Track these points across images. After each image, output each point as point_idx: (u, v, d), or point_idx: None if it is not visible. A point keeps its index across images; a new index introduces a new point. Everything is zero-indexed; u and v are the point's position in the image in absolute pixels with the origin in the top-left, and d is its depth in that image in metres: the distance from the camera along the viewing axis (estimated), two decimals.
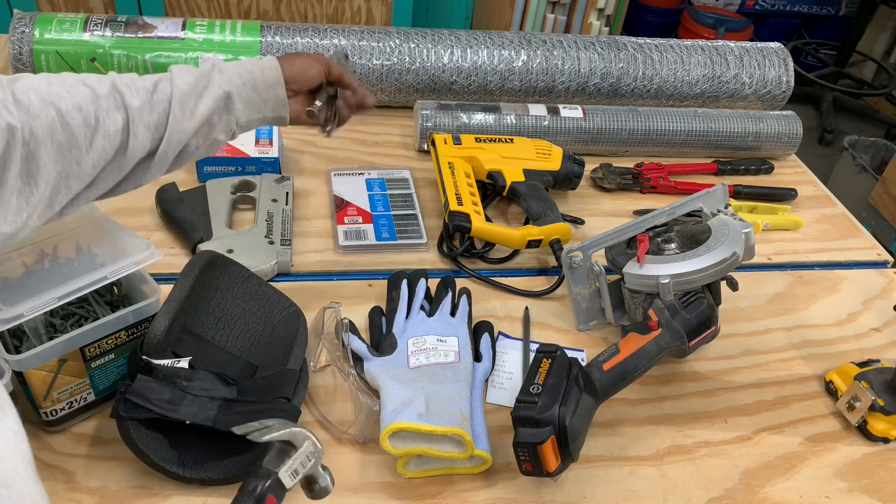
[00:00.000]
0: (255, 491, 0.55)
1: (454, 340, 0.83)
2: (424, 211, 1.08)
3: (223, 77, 0.71)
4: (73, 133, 0.61)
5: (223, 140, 0.73)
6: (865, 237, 1.18)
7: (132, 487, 0.70)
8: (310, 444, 0.59)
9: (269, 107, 0.76)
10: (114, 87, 0.65)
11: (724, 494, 0.77)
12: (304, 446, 0.58)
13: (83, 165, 0.63)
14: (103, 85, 0.65)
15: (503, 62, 1.25)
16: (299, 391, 0.76)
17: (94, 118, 0.63)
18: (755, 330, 0.98)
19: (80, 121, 0.62)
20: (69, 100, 0.62)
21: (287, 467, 0.57)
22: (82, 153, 0.62)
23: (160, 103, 0.67)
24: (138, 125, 0.65)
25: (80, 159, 0.62)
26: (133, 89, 0.66)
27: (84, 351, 0.70)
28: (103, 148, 0.64)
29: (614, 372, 0.75)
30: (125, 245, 0.74)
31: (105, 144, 0.64)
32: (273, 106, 0.76)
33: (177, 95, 0.68)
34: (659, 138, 1.25)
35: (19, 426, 0.49)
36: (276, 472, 0.56)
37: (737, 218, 0.88)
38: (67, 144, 0.61)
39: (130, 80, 0.67)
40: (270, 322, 0.82)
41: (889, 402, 0.82)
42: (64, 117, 0.61)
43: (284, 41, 1.18)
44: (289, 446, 0.59)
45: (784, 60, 1.35)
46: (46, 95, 0.61)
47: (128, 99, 0.65)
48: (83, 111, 0.62)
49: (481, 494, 0.74)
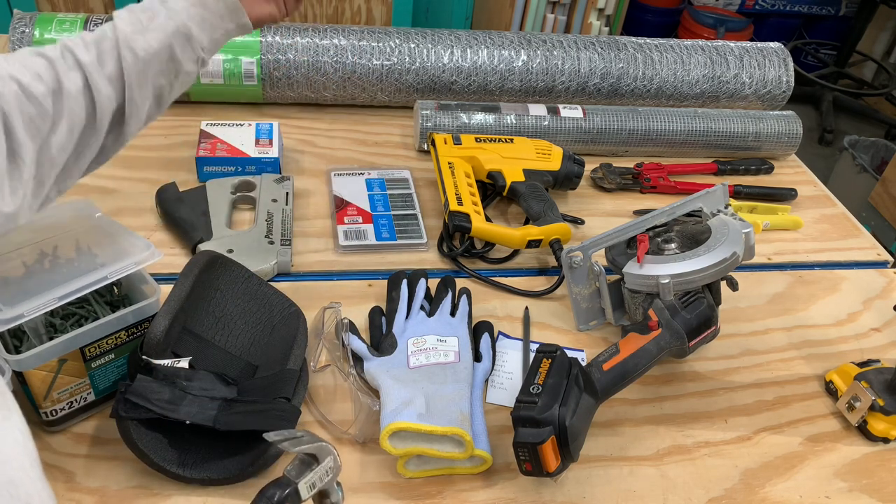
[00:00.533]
0: (273, 497, 0.56)
1: (454, 340, 0.83)
2: (424, 211, 1.08)
3: (168, 6, 0.68)
4: (40, 102, 0.61)
5: (194, 70, 0.71)
6: (865, 237, 1.18)
7: (132, 487, 0.70)
8: (331, 459, 0.60)
9: (227, 20, 0.72)
10: (64, 48, 0.64)
11: (724, 494, 0.77)
12: (326, 461, 0.60)
13: (59, 134, 0.62)
14: (54, 49, 0.64)
15: (503, 62, 1.25)
16: (299, 391, 0.76)
17: (56, 82, 0.62)
18: (755, 330, 0.98)
19: (43, 89, 0.61)
20: (27, 72, 0.61)
21: (307, 479, 0.58)
22: (54, 121, 0.62)
23: (110, 51, 0.65)
24: (97, 79, 0.64)
25: (54, 128, 0.62)
26: (82, 45, 0.65)
27: (84, 351, 0.70)
28: (72, 110, 0.63)
29: (614, 372, 0.75)
30: (125, 245, 0.74)
31: (73, 106, 0.63)
32: (231, 17, 0.72)
33: (122, 39, 0.65)
34: (659, 138, 1.25)
35: (25, 426, 0.49)
36: (296, 482, 0.57)
37: (737, 218, 0.88)
38: (38, 115, 0.61)
39: (79, 38, 0.65)
40: (270, 322, 0.82)
41: (889, 402, 0.82)
42: (27, 89, 0.60)
43: (284, 41, 1.19)
44: (312, 459, 0.60)
45: (784, 60, 1.35)
46: (4, 72, 0.60)
47: (79, 55, 0.64)
48: (43, 79, 0.62)
49: (481, 494, 0.74)
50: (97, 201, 0.80)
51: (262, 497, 0.56)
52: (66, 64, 0.63)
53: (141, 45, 0.66)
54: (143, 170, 1.08)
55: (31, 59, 0.62)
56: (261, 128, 1.12)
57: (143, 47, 0.66)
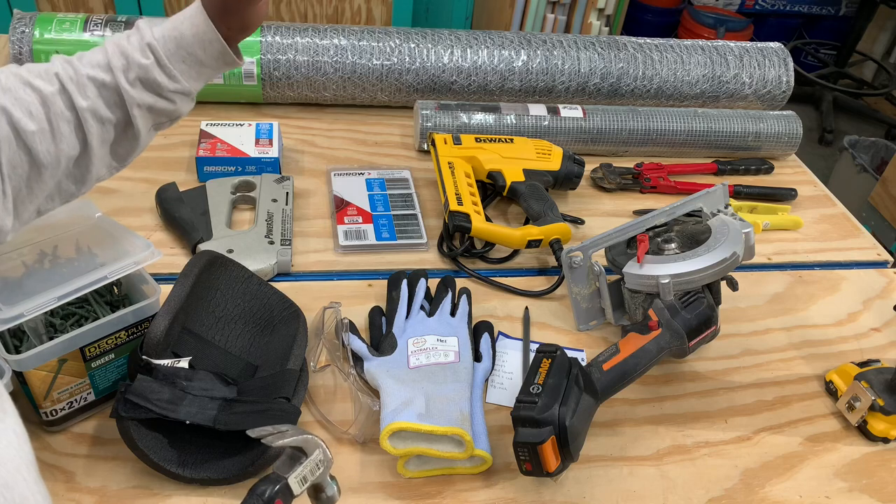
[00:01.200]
0: (263, 494, 0.56)
1: (454, 340, 0.83)
2: (424, 211, 1.08)
3: (168, 71, 0.67)
4: (27, 143, 0.60)
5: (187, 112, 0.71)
6: (865, 237, 1.18)
7: (132, 487, 0.70)
8: (320, 452, 0.60)
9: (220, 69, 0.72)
10: (61, 85, 0.63)
11: (724, 494, 0.77)
12: (315, 454, 0.59)
13: (42, 170, 0.61)
14: (50, 83, 0.62)
15: (503, 62, 1.25)
16: (299, 391, 0.76)
17: (47, 123, 0.61)
18: (755, 330, 0.98)
19: (34, 128, 0.60)
20: (19, 107, 0.60)
21: (297, 474, 0.58)
22: (39, 163, 0.61)
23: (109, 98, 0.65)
24: (91, 123, 0.64)
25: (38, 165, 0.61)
26: (79, 86, 0.63)
27: (84, 351, 0.70)
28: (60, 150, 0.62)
29: (614, 372, 0.75)
30: (125, 245, 0.74)
31: (62, 146, 0.62)
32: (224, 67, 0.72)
33: (127, 96, 0.65)
34: (659, 138, 1.25)
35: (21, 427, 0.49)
36: (285, 477, 0.57)
37: (737, 218, 0.88)
38: (24, 154, 0.60)
39: (74, 74, 0.64)
40: (270, 322, 0.82)
41: (889, 402, 0.82)
42: (17, 124, 0.59)
43: (284, 41, 1.18)
44: (300, 453, 0.60)
45: (784, 60, 1.35)
46: None
47: (76, 99, 0.63)
48: (34, 117, 0.60)
49: (481, 494, 0.74)
50: (97, 201, 0.80)
51: (253, 495, 0.56)
52: (60, 104, 0.62)
53: (145, 101, 0.66)
54: (143, 170, 1.08)
55: (23, 91, 0.61)
56: (261, 128, 1.12)
57: (147, 103, 0.67)
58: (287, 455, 0.60)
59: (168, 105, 0.68)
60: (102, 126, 0.65)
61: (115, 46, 0.66)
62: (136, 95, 0.66)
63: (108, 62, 0.65)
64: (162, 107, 0.68)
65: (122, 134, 0.67)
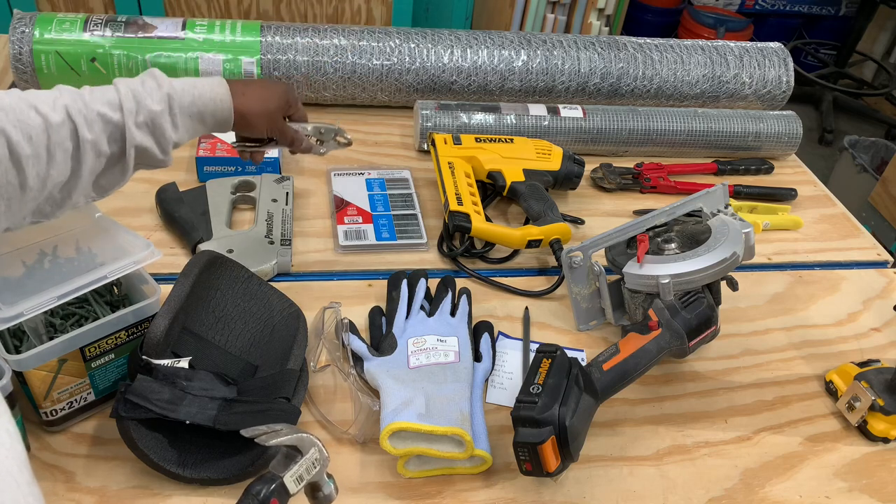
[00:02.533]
0: (259, 494, 0.55)
1: (454, 340, 0.83)
2: (424, 211, 1.08)
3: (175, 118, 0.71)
4: (22, 167, 0.60)
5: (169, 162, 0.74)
6: (865, 237, 1.18)
7: (132, 487, 0.70)
8: (316, 450, 0.60)
9: (214, 129, 0.78)
10: (67, 115, 0.63)
11: (724, 494, 0.77)
12: (311, 453, 0.59)
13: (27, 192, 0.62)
14: (57, 112, 0.63)
15: (503, 62, 1.25)
16: (299, 391, 0.76)
17: (45, 150, 0.62)
18: (755, 330, 0.98)
19: (29, 152, 0.60)
20: (19, 131, 0.60)
21: (292, 472, 0.57)
22: (28, 182, 0.61)
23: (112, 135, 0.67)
24: (89, 154, 0.65)
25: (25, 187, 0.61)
26: (87, 120, 0.65)
27: (84, 351, 0.70)
28: (51, 176, 0.63)
29: (614, 372, 0.75)
30: (125, 245, 0.74)
31: (53, 173, 0.63)
32: (219, 128, 0.78)
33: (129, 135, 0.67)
34: (659, 138, 1.25)
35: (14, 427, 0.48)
36: (280, 476, 0.57)
37: (737, 218, 0.88)
38: (14, 177, 0.60)
39: (84, 106, 0.65)
40: (270, 322, 0.82)
41: (889, 402, 0.82)
42: (14, 148, 0.60)
43: (284, 41, 1.18)
44: (295, 452, 0.59)
45: (784, 60, 1.35)
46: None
47: (81, 131, 0.64)
48: (33, 142, 0.61)
49: (481, 494, 0.74)
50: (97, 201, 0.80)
51: (248, 494, 0.56)
52: (63, 133, 0.63)
53: (142, 144, 0.69)
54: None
55: (28, 114, 0.61)
56: None
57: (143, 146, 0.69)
58: (282, 454, 0.59)
59: (159, 154, 0.71)
60: (97, 158, 0.66)
61: (127, 89, 0.68)
62: (139, 137, 0.68)
63: (120, 103, 0.67)
64: (154, 153, 0.71)
65: (111, 168, 0.69)
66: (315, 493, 0.60)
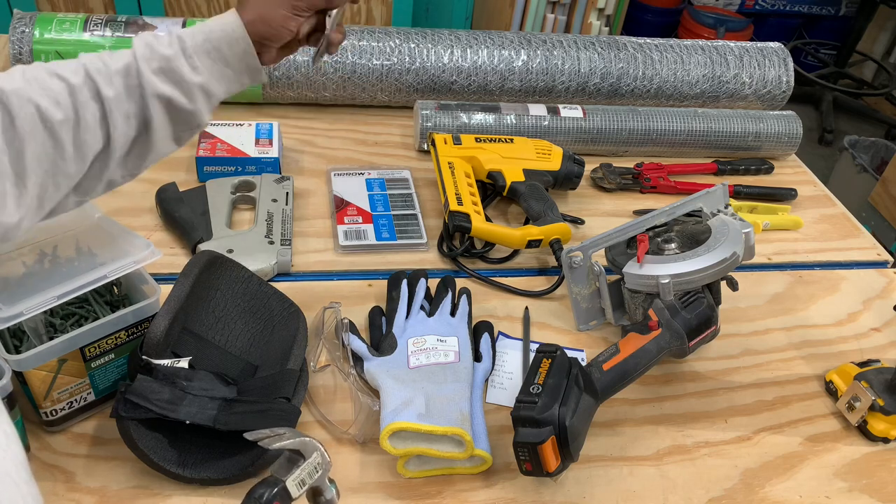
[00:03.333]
0: (261, 498, 0.55)
1: (454, 340, 0.83)
2: (424, 211, 1.08)
3: (192, 62, 0.68)
4: (55, 130, 0.60)
5: (208, 119, 0.71)
6: (865, 237, 1.18)
7: (132, 487, 0.70)
8: (318, 455, 0.60)
9: (246, 77, 0.72)
10: (87, 76, 0.63)
11: (724, 494, 0.77)
12: (313, 457, 0.59)
13: (68, 162, 0.62)
14: (76, 73, 0.63)
15: (503, 62, 1.25)
16: (299, 391, 0.76)
17: (73, 111, 0.61)
18: (755, 330, 0.98)
19: (60, 117, 0.60)
20: (46, 96, 0.60)
21: (294, 477, 0.57)
22: (65, 150, 0.61)
23: (133, 91, 0.65)
24: (116, 116, 0.64)
25: (63, 156, 0.61)
26: (105, 77, 0.64)
27: (84, 351, 0.70)
28: (85, 142, 0.62)
29: (614, 372, 0.75)
30: (125, 245, 0.74)
31: (87, 138, 0.62)
32: (250, 75, 0.72)
33: (147, 85, 0.65)
34: (659, 138, 1.25)
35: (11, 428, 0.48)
36: (283, 480, 0.57)
37: (737, 218, 0.88)
38: (51, 143, 0.60)
39: (103, 66, 0.64)
40: (270, 322, 0.82)
41: (889, 402, 0.82)
42: (44, 114, 0.60)
43: None
44: (298, 456, 0.59)
45: (784, 60, 1.35)
46: (24, 93, 0.59)
47: (102, 88, 0.63)
48: (61, 105, 0.61)
49: (481, 494, 0.74)
50: (97, 201, 0.80)
51: (251, 498, 0.56)
52: (87, 94, 0.63)
53: (164, 93, 0.66)
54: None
55: (50, 81, 0.61)
56: (261, 128, 1.12)
57: (165, 95, 0.66)
58: (285, 458, 0.59)
59: (187, 103, 0.67)
60: (126, 121, 0.65)
61: (141, 39, 0.67)
62: (158, 84, 0.65)
63: (133, 52, 0.66)
64: (180, 103, 0.67)
65: (141, 134, 0.67)
66: (317, 498, 0.60)
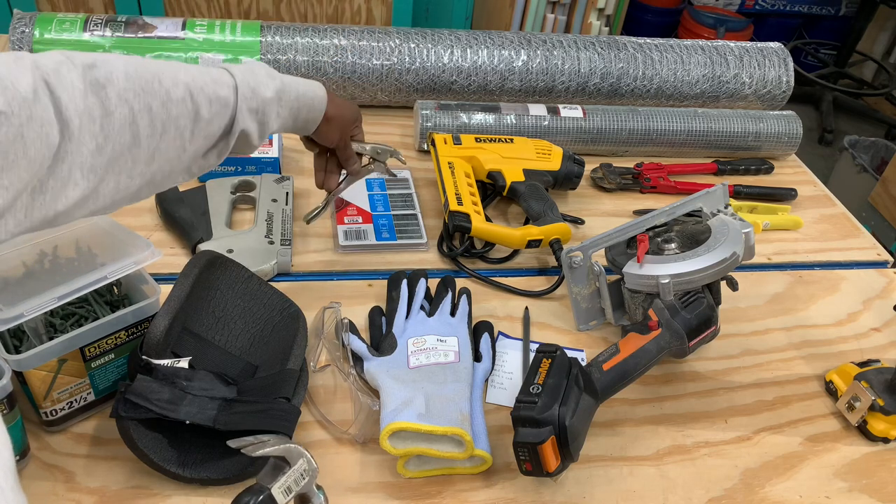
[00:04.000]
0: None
1: (454, 340, 0.83)
2: (424, 211, 1.08)
3: (279, 115, 0.74)
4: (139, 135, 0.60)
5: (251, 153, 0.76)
6: (865, 237, 1.18)
7: (132, 487, 0.70)
8: (304, 461, 0.59)
9: (295, 131, 0.81)
10: (189, 94, 0.64)
11: (724, 494, 0.77)
12: (299, 464, 0.58)
13: (136, 168, 0.62)
14: (178, 88, 0.64)
15: (503, 62, 1.25)
16: (299, 391, 0.76)
17: (162, 125, 0.62)
18: (755, 330, 0.98)
19: (147, 123, 0.61)
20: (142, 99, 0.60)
21: (280, 484, 0.57)
22: (140, 154, 0.61)
23: (225, 123, 0.69)
24: (200, 133, 0.66)
25: (136, 160, 0.61)
26: (208, 100, 0.65)
27: (84, 351, 0.70)
28: (158, 149, 0.63)
29: (614, 372, 0.75)
30: (125, 245, 0.74)
31: (163, 147, 0.63)
32: (303, 128, 0.81)
33: (241, 122, 0.69)
34: (659, 138, 1.25)
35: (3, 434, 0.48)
36: (268, 488, 0.56)
37: (737, 218, 0.88)
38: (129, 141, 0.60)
39: (205, 85, 0.66)
40: (270, 322, 0.82)
41: (889, 402, 0.82)
42: (136, 118, 0.60)
43: (284, 41, 1.19)
44: (283, 463, 0.59)
45: (784, 60, 1.35)
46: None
47: (201, 111, 0.65)
48: (153, 113, 0.61)
49: (481, 494, 0.74)
50: None
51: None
52: (181, 109, 0.64)
53: (246, 127, 0.70)
54: None
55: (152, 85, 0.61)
56: None
57: (245, 130, 0.70)
58: (270, 465, 0.59)
59: (256, 140, 0.72)
60: (206, 140, 0.68)
61: (242, 74, 0.70)
62: (247, 122, 0.70)
63: (236, 86, 0.69)
64: (252, 140, 0.72)
65: (211, 149, 0.70)
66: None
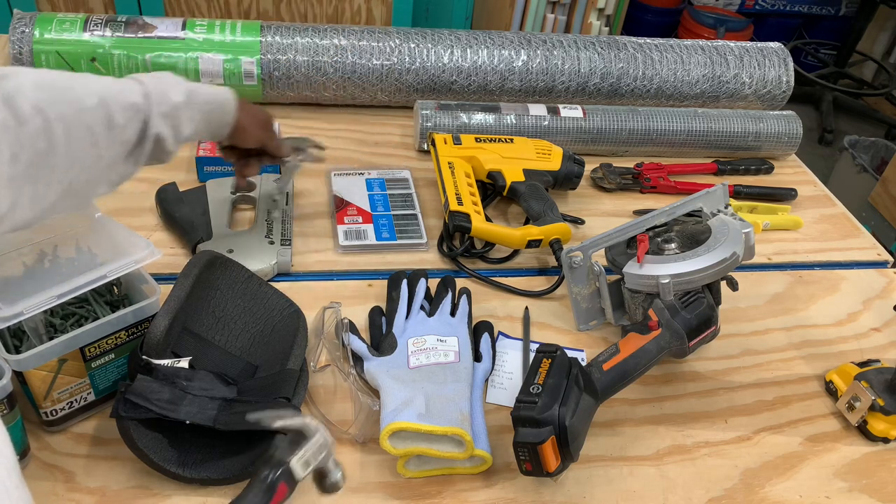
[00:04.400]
0: (266, 479, 0.55)
1: (454, 340, 0.83)
2: (424, 211, 1.08)
3: (191, 118, 0.75)
4: (54, 142, 0.61)
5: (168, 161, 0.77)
6: (865, 237, 1.18)
7: (132, 487, 0.70)
8: (321, 435, 0.59)
9: (208, 136, 0.83)
10: (102, 101, 0.66)
11: (724, 494, 0.77)
12: (316, 437, 0.58)
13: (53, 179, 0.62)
14: (90, 97, 0.65)
15: (503, 62, 1.25)
16: (299, 391, 0.76)
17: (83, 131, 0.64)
18: (755, 330, 0.98)
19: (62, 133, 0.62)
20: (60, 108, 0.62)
21: (299, 457, 0.57)
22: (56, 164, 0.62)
23: (138, 129, 0.70)
24: (115, 139, 0.67)
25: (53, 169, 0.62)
26: (121, 108, 0.67)
27: (84, 351, 0.70)
28: (77, 158, 0.64)
29: (614, 372, 0.75)
30: (125, 244, 0.74)
31: (81, 156, 0.64)
32: (217, 132, 0.83)
33: (154, 127, 0.70)
34: (659, 138, 1.25)
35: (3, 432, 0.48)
36: (287, 460, 0.56)
37: (737, 218, 0.88)
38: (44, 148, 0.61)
39: (117, 93, 0.67)
40: (270, 322, 0.82)
41: (889, 402, 0.82)
42: (51, 125, 0.61)
43: (284, 41, 1.18)
44: (300, 437, 0.58)
45: (784, 60, 1.35)
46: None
47: (115, 117, 0.66)
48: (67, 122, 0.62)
49: (481, 494, 0.74)
50: (97, 201, 0.80)
51: (256, 480, 0.55)
52: (97, 115, 0.65)
53: (160, 131, 0.72)
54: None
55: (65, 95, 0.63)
56: None
57: (160, 134, 0.72)
58: (287, 440, 0.58)
59: (171, 145, 0.74)
60: (121, 146, 0.69)
61: (151, 80, 0.72)
62: (160, 127, 0.71)
63: (147, 92, 0.70)
64: (166, 145, 0.73)
65: (126, 157, 0.71)
66: (322, 481, 0.59)
